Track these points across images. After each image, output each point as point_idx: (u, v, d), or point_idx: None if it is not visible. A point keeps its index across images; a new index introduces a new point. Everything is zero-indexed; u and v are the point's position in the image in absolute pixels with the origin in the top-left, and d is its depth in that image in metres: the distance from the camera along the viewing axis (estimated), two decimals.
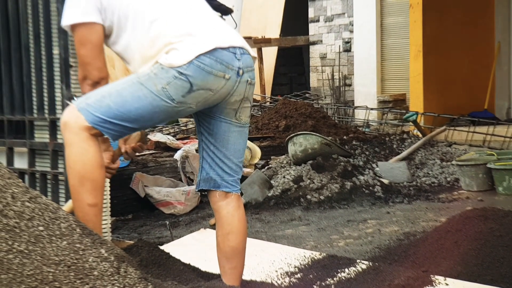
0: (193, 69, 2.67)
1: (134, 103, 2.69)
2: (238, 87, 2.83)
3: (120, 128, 2.73)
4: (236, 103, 2.88)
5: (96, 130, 2.69)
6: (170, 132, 10.01)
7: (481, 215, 3.71)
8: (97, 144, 2.72)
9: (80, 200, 2.69)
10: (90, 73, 2.80)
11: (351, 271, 3.54)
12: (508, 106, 10.86)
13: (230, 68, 2.76)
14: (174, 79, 2.67)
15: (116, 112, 2.68)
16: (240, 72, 2.80)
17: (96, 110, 2.68)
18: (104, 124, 2.69)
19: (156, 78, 2.69)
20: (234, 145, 2.95)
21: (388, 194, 6.14)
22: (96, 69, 2.80)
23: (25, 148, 4.31)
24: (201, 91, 2.72)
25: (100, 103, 2.69)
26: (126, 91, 2.71)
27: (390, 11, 11.97)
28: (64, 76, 3.95)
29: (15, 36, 4.30)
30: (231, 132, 2.93)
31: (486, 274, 3.24)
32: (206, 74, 2.69)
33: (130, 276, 2.30)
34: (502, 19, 10.82)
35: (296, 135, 6.88)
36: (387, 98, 11.37)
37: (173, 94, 2.68)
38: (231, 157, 2.95)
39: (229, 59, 2.76)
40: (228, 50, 2.77)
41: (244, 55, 2.84)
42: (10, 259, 2.08)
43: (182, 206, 6.13)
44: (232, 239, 2.98)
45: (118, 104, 2.68)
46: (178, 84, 2.67)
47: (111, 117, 2.68)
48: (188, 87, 2.68)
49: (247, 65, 2.85)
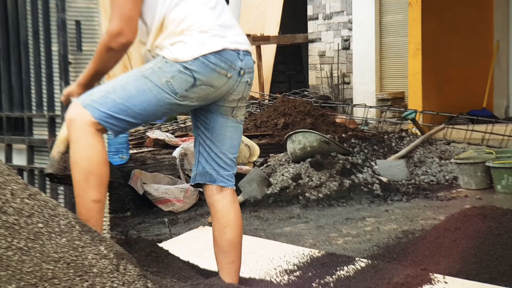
0: (198, 65, 2.71)
1: (139, 97, 2.71)
2: (238, 87, 2.88)
3: (124, 123, 2.76)
4: (234, 101, 2.93)
5: (101, 126, 2.71)
6: (168, 130, 10.01)
7: (480, 213, 3.71)
8: (103, 140, 2.75)
9: (84, 196, 2.69)
10: (130, 30, 2.72)
11: (350, 269, 3.54)
12: (507, 104, 10.86)
13: (233, 67, 2.81)
14: (178, 73, 2.71)
15: (122, 107, 2.71)
16: (241, 72, 2.86)
17: (101, 106, 2.70)
18: (109, 120, 2.71)
19: (160, 72, 2.72)
20: (230, 140, 2.99)
21: (386, 192, 6.14)
22: (136, 26, 2.75)
23: (24, 145, 4.30)
24: (203, 86, 2.76)
25: (105, 99, 2.71)
26: (130, 85, 2.73)
27: (389, 9, 11.97)
28: (63, 73, 3.94)
29: (14, 32, 4.29)
30: (227, 127, 2.97)
31: (484, 273, 3.24)
32: (210, 71, 2.74)
33: (129, 273, 2.30)
34: (501, 18, 10.82)
35: (295, 133, 6.88)
36: (385, 96, 11.38)
37: (177, 88, 2.72)
38: (226, 152, 2.99)
39: (233, 59, 2.81)
40: (234, 51, 2.82)
41: (246, 56, 2.89)
42: (10, 256, 2.08)
43: (181, 203, 6.13)
44: (228, 232, 3.00)
45: (123, 98, 2.71)
46: (182, 78, 2.71)
47: (116, 112, 2.70)
48: (192, 82, 2.72)
49: (248, 67, 2.90)
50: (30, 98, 4.25)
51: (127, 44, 2.75)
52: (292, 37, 14.13)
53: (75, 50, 4.00)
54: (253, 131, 8.93)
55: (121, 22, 2.73)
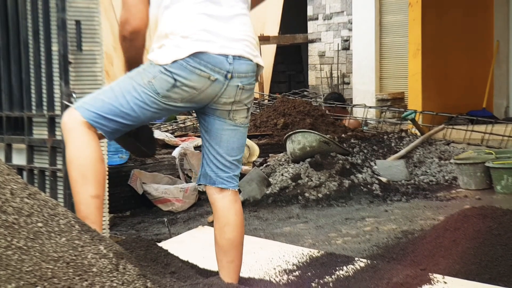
0: (177, 67, 2.77)
1: (126, 96, 2.80)
2: (226, 90, 2.87)
3: (114, 124, 2.82)
4: (227, 105, 2.93)
5: (92, 126, 2.78)
6: (168, 130, 10.02)
7: (480, 213, 3.71)
8: (97, 139, 2.81)
9: (81, 193, 2.74)
10: (132, 16, 2.86)
11: (349, 269, 3.55)
12: (507, 105, 10.87)
13: (216, 70, 2.81)
14: (160, 73, 2.78)
15: (110, 107, 2.79)
16: (228, 75, 2.85)
17: (91, 106, 2.80)
18: (99, 120, 2.79)
19: (144, 73, 2.82)
20: (228, 143, 2.99)
21: (386, 193, 6.14)
22: (139, 12, 2.87)
23: (24, 145, 4.30)
24: (185, 87, 2.80)
25: (94, 100, 2.82)
26: (117, 86, 2.84)
27: (389, 9, 11.97)
28: (63, 72, 3.94)
29: (14, 32, 4.29)
30: (224, 130, 2.98)
31: (484, 273, 3.25)
32: (189, 72, 2.78)
33: (129, 272, 2.30)
34: (501, 18, 10.82)
35: (294, 133, 6.89)
36: (385, 96, 11.38)
37: (158, 88, 2.79)
38: (224, 154, 3.00)
39: (217, 62, 2.81)
40: (219, 55, 2.82)
41: (239, 60, 2.87)
42: (9, 255, 2.08)
43: (180, 203, 6.14)
44: (228, 231, 3.01)
45: (110, 98, 2.81)
46: (163, 79, 2.78)
47: (105, 112, 2.79)
48: (172, 82, 2.78)
49: (240, 71, 2.88)
50: (30, 97, 4.25)
51: (134, 31, 2.88)
52: (292, 37, 14.13)
53: (75, 50, 4.00)
54: (253, 131, 8.93)
55: (125, 11, 2.89)
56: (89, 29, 4.07)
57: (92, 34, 4.08)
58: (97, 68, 4.11)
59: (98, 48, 4.11)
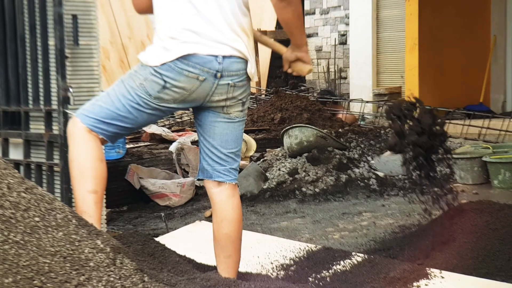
0: (166, 69, 2.82)
1: (121, 100, 2.87)
2: (217, 89, 2.90)
3: (114, 128, 2.89)
4: (220, 101, 2.96)
5: (93, 132, 2.86)
6: (165, 124, 10.00)
7: (477, 208, 3.71)
8: (97, 141, 2.87)
9: (80, 189, 2.81)
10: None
11: (346, 263, 3.55)
12: (504, 99, 10.87)
13: (205, 71, 2.84)
14: (150, 75, 2.84)
15: (107, 111, 2.87)
16: (218, 75, 2.87)
17: (90, 113, 2.88)
18: (98, 125, 2.86)
19: (136, 75, 2.88)
20: (221, 136, 3.01)
21: (383, 187, 6.15)
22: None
23: (21, 139, 4.30)
24: (175, 89, 2.84)
25: (93, 107, 2.90)
26: (113, 91, 2.91)
27: (386, 4, 11.95)
28: (59, 67, 3.94)
29: (10, 26, 4.28)
30: (217, 122, 3.00)
31: (481, 267, 3.25)
32: (177, 74, 2.82)
33: (126, 267, 2.30)
34: (498, 13, 10.82)
35: (291, 127, 6.88)
36: (382, 91, 11.36)
37: (149, 90, 2.85)
38: (218, 147, 3.02)
39: (205, 62, 2.83)
40: (208, 55, 2.84)
41: (229, 59, 2.88)
42: (6, 250, 2.08)
43: (177, 198, 6.13)
44: (225, 226, 3.02)
45: (107, 103, 2.88)
46: (153, 80, 2.83)
47: (103, 117, 2.86)
48: (162, 84, 2.83)
49: (229, 70, 2.90)
50: (26, 92, 4.24)
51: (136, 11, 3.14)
52: None
53: (72, 44, 4.00)
54: (250, 126, 8.93)
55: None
56: (86, 24, 4.06)
57: (89, 28, 4.08)
58: (94, 62, 4.11)
59: (95, 43, 4.11)
